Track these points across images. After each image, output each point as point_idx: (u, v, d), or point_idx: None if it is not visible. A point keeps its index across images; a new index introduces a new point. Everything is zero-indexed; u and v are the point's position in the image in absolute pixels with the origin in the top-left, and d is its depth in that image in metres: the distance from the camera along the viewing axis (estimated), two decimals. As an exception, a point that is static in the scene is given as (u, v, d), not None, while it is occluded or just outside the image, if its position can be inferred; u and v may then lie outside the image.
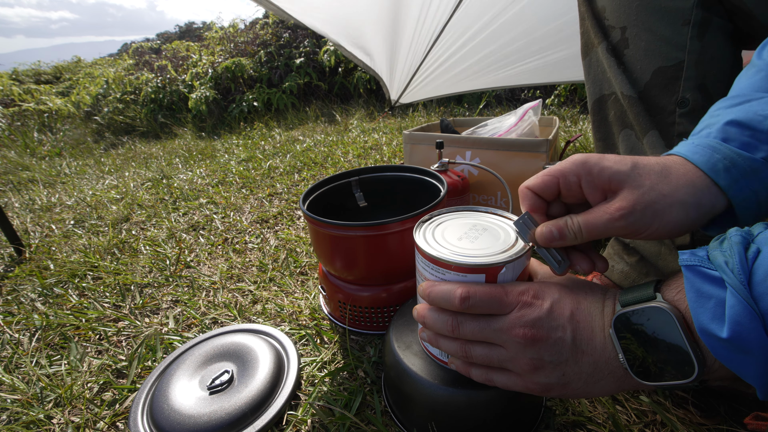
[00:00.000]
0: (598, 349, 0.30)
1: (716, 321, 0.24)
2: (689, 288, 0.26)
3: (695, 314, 0.25)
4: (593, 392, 0.32)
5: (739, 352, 0.23)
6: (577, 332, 0.31)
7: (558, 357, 0.31)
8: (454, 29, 1.78)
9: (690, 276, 0.26)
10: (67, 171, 2.29)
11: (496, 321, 0.33)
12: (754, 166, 0.27)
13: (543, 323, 0.31)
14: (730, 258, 0.24)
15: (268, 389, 0.51)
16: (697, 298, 0.25)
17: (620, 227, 0.29)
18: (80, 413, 0.53)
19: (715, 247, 0.26)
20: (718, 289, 0.24)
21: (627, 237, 0.30)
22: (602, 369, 0.30)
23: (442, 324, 0.35)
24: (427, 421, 0.42)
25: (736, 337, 0.23)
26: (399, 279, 0.61)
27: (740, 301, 0.23)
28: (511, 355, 0.32)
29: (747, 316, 0.22)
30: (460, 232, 0.38)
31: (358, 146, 1.99)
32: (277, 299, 0.75)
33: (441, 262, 0.34)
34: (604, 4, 0.50)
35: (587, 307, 0.32)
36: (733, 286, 0.23)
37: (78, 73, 5.60)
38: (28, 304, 0.81)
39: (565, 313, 0.31)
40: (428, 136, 1.03)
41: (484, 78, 2.14)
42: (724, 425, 0.44)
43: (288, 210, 1.22)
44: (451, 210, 0.43)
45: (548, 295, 0.32)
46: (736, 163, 0.27)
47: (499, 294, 0.32)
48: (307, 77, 3.78)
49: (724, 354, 0.24)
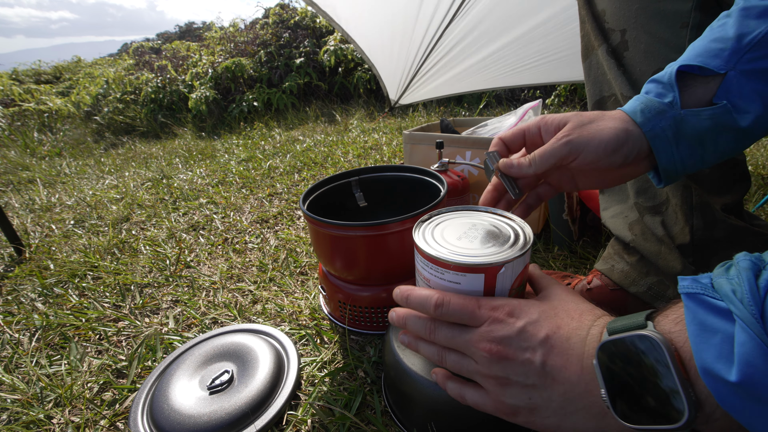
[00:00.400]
0: (573, 379, 0.28)
1: (723, 360, 0.21)
2: (691, 320, 0.23)
3: (697, 351, 0.22)
4: (564, 426, 0.30)
5: (751, 399, 0.20)
6: (549, 357, 0.29)
7: (525, 379, 0.30)
8: (455, 30, 1.78)
9: (691, 305, 0.23)
10: (67, 171, 2.29)
11: (466, 332, 0.33)
12: (661, 108, 0.33)
13: (511, 342, 0.30)
14: (738, 287, 0.21)
15: (268, 389, 0.51)
16: (700, 332, 0.22)
17: (562, 149, 0.35)
18: (80, 413, 0.53)
19: (720, 274, 0.23)
20: (725, 322, 0.21)
21: (569, 161, 0.35)
22: (575, 402, 0.28)
23: (421, 326, 0.35)
24: (426, 421, 0.42)
25: (747, 381, 0.19)
26: (399, 279, 0.61)
27: (752, 338, 0.20)
28: (479, 368, 0.32)
29: (761, 356, 0.19)
30: (460, 232, 0.38)
31: (358, 146, 1.99)
32: (277, 299, 0.75)
33: (440, 262, 0.34)
34: (604, 7, 0.50)
35: (567, 333, 0.30)
36: (743, 319, 0.20)
37: (78, 73, 5.60)
38: (28, 304, 0.81)
39: (539, 335, 0.30)
40: (428, 136, 1.03)
41: (484, 78, 2.14)
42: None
43: (288, 210, 1.22)
44: (451, 210, 0.43)
45: (524, 315, 0.31)
46: (649, 107, 0.34)
47: (472, 306, 0.32)
48: (307, 77, 3.78)
49: (731, 401, 0.21)
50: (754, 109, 0.32)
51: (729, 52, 0.32)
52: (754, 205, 0.95)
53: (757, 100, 0.31)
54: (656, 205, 0.53)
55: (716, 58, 0.32)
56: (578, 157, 0.34)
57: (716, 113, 0.32)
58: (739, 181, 0.50)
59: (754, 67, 0.31)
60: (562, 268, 0.79)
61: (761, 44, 0.31)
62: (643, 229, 0.54)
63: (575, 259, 0.81)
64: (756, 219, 0.53)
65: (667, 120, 0.33)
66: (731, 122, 0.32)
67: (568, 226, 0.83)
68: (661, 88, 0.34)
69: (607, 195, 0.62)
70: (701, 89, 0.33)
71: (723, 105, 0.32)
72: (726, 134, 0.32)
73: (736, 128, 0.32)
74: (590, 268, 0.78)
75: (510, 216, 0.40)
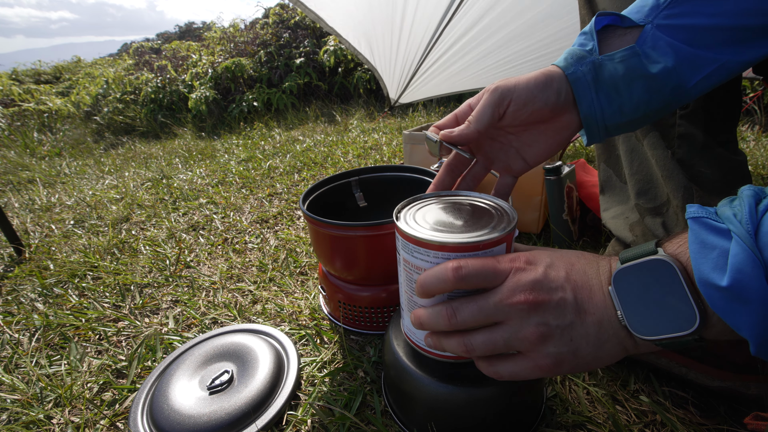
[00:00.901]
0: (600, 307, 0.30)
1: (717, 270, 0.23)
2: (693, 239, 0.25)
3: (696, 264, 0.25)
4: (602, 357, 0.31)
5: (738, 301, 0.23)
6: (576, 291, 0.30)
7: (563, 320, 0.30)
8: (454, 28, 1.78)
9: (695, 227, 0.26)
10: (67, 171, 2.29)
11: (493, 294, 0.31)
12: (582, 54, 0.36)
13: (542, 285, 0.30)
14: (739, 210, 0.24)
15: (268, 389, 0.51)
16: (700, 249, 0.25)
17: (493, 96, 0.37)
18: (80, 413, 0.53)
19: (724, 203, 0.26)
20: (723, 240, 0.24)
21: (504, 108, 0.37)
22: (606, 329, 0.30)
23: (439, 316, 0.33)
24: (427, 420, 0.42)
25: (736, 285, 0.22)
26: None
27: (744, 249, 0.22)
28: (515, 329, 0.31)
29: (750, 264, 0.22)
30: (443, 214, 0.38)
31: (358, 146, 1.99)
32: (277, 299, 0.75)
33: (426, 243, 0.33)
34: (604, 6, 0.50)
35: (581, 267, 0.32)
36: (739, 234, 0.23)
37: (78, 73, 5.60)
38: (28, 304, 0.81)
39: (561, 274, 0.31)
40: (428, 137, 1.02)
41: (484, 77, 2.14)
42: (724, 425, 0.44)
43: (288, 210, 1.22)
44: (432, 195, 0.43)
45: (540, 260, 0.32)
46: (572, 53, 0.37)
47: (491, 262, 0.32)
48: (307, 77, 3.78)
49: (721, 305, 0.24)
50: (664, 61, 0.34)
51: (649, 8, 0.35)
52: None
53: (669, 53, 0.34)
54: (657, 207, 0.53)
55: (638, 13, 0.36)
56: (511, 101, 0.37)
57: (626, 56, 0.35)
58: (740, 183, 0.50)
59: (670, 23, 0.34)
60: (562, 268, 0.79)
61: (677, 2, 0.34)
62: (644, 230, 0.54)
63: (575, 259, 0.81)
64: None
65: (587, 65, 0.36)
66: (642, 68, 0.34)
67: (568, 226, 0.83)
68: (583, 38, 0.37)
69: (607, 195, 0.62)
70: (618, 40, 0.36)
71: (632, 47, 0.35)
72: (638, 81, 0.35)
73: (647, 75, 0.34)
74: (590, 268, 0.77)
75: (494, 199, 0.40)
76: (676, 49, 0.34)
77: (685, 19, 0.34)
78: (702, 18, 0.33)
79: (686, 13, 0.34)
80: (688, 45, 0.34)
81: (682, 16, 0.34)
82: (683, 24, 0.34)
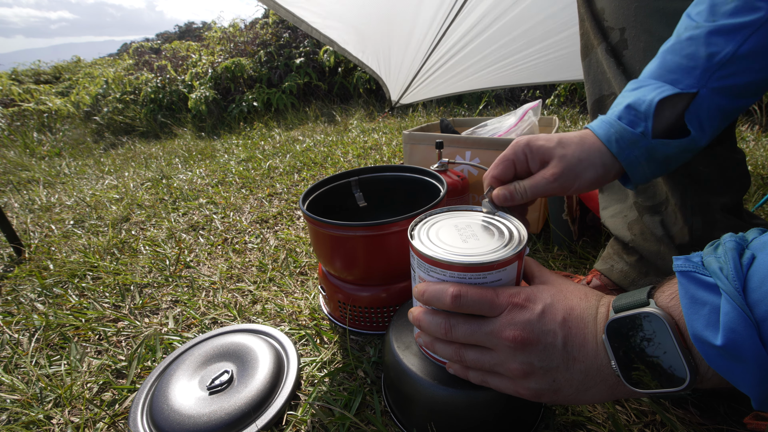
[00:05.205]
0: (590, 356, 0.30)
1: (710, 328, 0.24)
2: (683, 294, 0.26)
3: (689, 321, 0.25)
4: (584, 399, 0.32)
5: (733, 360, 0.23)
6: (568, 338, 0.31)
7: (548, 363, 0.31)
8: (456, 30, 1.78)
9: (684, 282, 0.26)
10: (67, 171, 2.29)
11: (487, 323, 0.33)
12: (634, 138, 0.36)
13: (533, 326, 0.31)
14: (724, 264, 0.24)
15: (267, 389, 0.51)
16: (691, 305, 0.25)
17: (554, 187, 0.38)
18: (80, 413, 0.53)
19: (709, 253, 0.26)
20: (713, 295, 0.24)
21: (559, 193, 0.39)
22: (594, 376, 0.30)
23: (437, 326, 0.35)
24: (426, 421, 0.42)
25: (730, 345, 0.23)
26: (399, 279, 0.61)
27: (735, 308, 0.23)
28: (501, 360, 0.32)
29: (742, 323, 0.22)
30: (456, 232, 0.38)
31: (358, 146, 1.99)
32: (277, 299, 0.75)
33: (437, 262, 0.34)
34: (603, 6, 0.50)
35: (580, 313, 0.32)
36: (728, 292, 0.23)
37: (77, 73, 5.59)
38: (28, 305, 0.81)
39: (557, 318, 0.31)
40: (428, 136, 1.03)
41: (484, 78, 2.14)
42: (724, 425, 0.44)
43: (288, 210, 1.22)
44: (445, 210, 0.43)
45: (540, 299, 0.32)
46: (623, 136, 0.37)
47: (490, 296, 0.32)
48: (307, 77, 3.78)
49: (717, 362, 0.24)
50: (711, 130, 0.35)
51: (701, 70, 0.34)
52: (753, 205, 0.95)
53: (717, 116, 0.35)
54: (655, 205, 0.53)
55: (689, 76, 0.35)
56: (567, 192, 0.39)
57: (683, 143, 0.36)
58: (738, 181, 0.50)
59: (722, 85, 0.34)
60: (562, 268, 0.79)
61: (731, 62, 0.34)
62: (642, 228, 0.54)
63: (575, 259, 0.81)
64: (755, 218, 0.53)
65: (640, 149, 0.37)
66: (694, 145, 0.36)
67: (568, 226, 0.83)
68: (633, 116, 0.37)
69: (606, 194, 0.62)
70: (669, 111, 0.36)
71: (691, 139, 0.36)
72: (688, 154, 0.37)
73: (697, 149, 0.37)
74: (590, 268, 0.78)
75: (507, 216, 0.40)
76: (723, 110, 0.35)
77: (738, 78, 0.34)
78: (752, 74, 0.34)
79: (739, 72, 0.34)
80: (730, 98, 0.34)
81: (735, 75, 0.34)
82: (735, 83, 0.34)
